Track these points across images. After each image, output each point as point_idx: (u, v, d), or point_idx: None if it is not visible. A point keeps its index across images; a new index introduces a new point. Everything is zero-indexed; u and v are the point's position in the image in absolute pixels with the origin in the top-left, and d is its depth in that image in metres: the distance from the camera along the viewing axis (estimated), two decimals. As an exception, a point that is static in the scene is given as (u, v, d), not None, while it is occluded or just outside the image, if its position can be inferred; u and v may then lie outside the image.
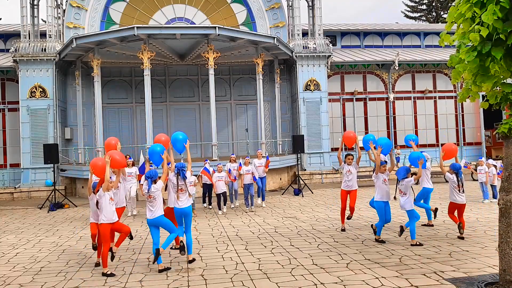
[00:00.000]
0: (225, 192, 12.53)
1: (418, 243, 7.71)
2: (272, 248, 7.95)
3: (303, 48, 21.34)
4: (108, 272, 6.62)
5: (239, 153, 19.93)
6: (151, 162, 7.77)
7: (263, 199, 13.52)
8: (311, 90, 21.25)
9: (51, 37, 19.78)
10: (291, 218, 11.18)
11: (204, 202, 13.49)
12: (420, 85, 23.85)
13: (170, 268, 6.84)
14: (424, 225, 9.48)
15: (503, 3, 4.22)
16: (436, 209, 9.23)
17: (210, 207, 13.34)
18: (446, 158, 8.66)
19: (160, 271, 6.67)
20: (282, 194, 16.67)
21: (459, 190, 8.15)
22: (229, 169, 12.91)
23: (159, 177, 6.88)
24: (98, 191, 6.81)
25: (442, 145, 9.50)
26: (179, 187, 7.02)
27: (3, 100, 20.84)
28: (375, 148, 8.56)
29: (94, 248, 7.38)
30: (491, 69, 4.76)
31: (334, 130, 22.49)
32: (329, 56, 21.46)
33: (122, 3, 21.50)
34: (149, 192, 6.71)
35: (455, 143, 23.55)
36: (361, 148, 10.01)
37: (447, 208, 8.58)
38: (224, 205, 12.50)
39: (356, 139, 9.51)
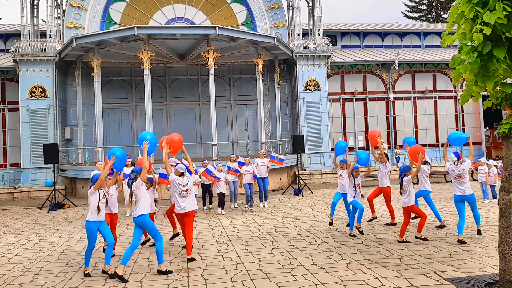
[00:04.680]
0: (224, 194, 12.51)
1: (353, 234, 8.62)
2: (272, 248, 7.95)
3: (303, 48, 21.35)
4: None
5: (239, 153, 19.92)
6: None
7: (265, 199, 13.50)
8: (311, 90, 21.25)
9: (51, 37, 19.78)
10: (291, 218, 11.18)
11: (204, 204, 13.39)
12: (420, 85, 23.85)
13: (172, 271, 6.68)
14: (438, 227, 9.39)
15: (506, 1, 4.22)
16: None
17: (211, 207, 13.32)
18: (415, 161, 8.31)
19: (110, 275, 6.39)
20: (282, 194, 16.67)
21: (400, 192, 7.99)
22: (229, 167, 12.90)
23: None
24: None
25: (442, 145, 9.56)
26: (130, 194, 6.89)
27: (3, 100, 20.84)
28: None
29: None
30: (498, 69, 4.75)
31: (334, 130, 22.50)
32: (329, 56, 21.46)
33: (122, 3, 21.50)
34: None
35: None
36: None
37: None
38: (222, 208, 12.46)
39: (378, 139, 9.61)
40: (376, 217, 9.86)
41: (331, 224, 9.63)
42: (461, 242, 7.79)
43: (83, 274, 6.59)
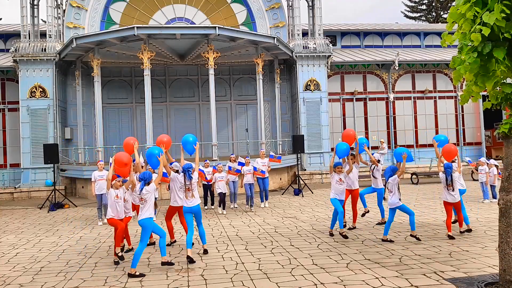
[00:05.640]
0: (224, 193, 12.51)
1: (389, 240, 8.09)
2: (272, 248, 7.95)
3: (303, 48, 21.34)
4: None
5: (239, 153, 19.93)
6: (147, 163, 7.95)
7: (266, 199, 13.48)
8: (311, 90, 21.25)
9: (51, 37, 19.77)
10: (291, 218, 11.18)
11: (205, 204, 13.38)
12: (420, 85, 23.85)
13: (173, 264, 7.00)
14: (379, 223, 9.79)
15: (507, 1, 4.21)
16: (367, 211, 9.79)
17: (212, 207, 13.34)
18: (448, 159, 8.73)
19: (131, 275, 6.51)
20: (282, 194, 16.67)
21: (447, 189, 8.37)
22: (229, 167, 12.89)
23: (152, 180, 6.91)
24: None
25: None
26: (187, 187, 7.25)
27: (3, 100, 20.84)
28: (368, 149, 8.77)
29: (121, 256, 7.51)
30: (497, 70, 4.75)
31: (334, 130, 22.49)
32: (329, 56, 21.46)
33: (122, 3, 21.50)
34: (141, 194, 6.73)
35: (454, 143, 23.65)
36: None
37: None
38: (223, 208, 12.45)
39: (356, 137, 9.48)
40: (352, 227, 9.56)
41: (332, 235, 8.88)
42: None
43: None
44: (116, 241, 7.36)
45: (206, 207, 13.34)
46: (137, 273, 6.49)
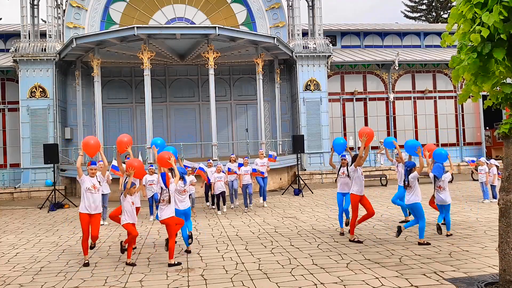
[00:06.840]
0: (224, 192, 12.53)
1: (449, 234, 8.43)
2: (272, 248, 7.95)
3: (303, 48, 21.34)
4: (176, 262, 7.07)
5: (239, 153, 19.93)
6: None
7: (264, 199, 13.50)
8: (311, 90, 21.25)
9: (51, 37, 19.78)
10: (291, 218, 11.18)
11: (207, 201, 13.56)
12: (420, 85, 23.84)
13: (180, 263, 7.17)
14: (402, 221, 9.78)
15: (505, 3, 4.22)
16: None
17: (213, 206, 13.36)
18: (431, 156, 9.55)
19: (187, 251, 7.70)
20: (282, 194, 16.67)
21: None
22: (229, 168, 12.91)
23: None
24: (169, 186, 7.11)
25: (441, 145, 10.16)
26: (184, 189, 7.70)
27: (3, 100, 20.84)
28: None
29: (123, 250, 7.47)
30: (496, 70, 4.75)
31: (334, 130, 22.49)
32: (329, 56, 21.46)
33: (122, 3, 21.50)
34: (185, 187, 7.64)
35: (454, 143, 23.69)
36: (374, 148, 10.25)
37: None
38: (224, 205, 12.51)
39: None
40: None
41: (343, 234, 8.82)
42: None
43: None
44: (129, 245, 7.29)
45: (208, 204, 13.46)
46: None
